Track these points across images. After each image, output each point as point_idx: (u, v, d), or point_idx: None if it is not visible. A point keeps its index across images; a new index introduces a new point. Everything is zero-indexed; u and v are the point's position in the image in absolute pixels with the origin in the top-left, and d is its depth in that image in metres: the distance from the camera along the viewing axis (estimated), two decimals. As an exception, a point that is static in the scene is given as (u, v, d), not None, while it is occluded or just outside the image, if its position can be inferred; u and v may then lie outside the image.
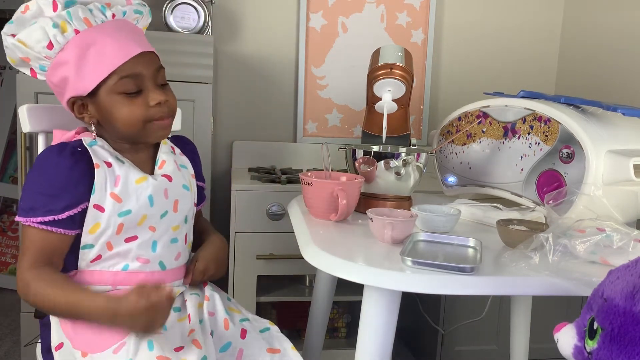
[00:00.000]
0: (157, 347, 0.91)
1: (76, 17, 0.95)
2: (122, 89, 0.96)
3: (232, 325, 1.04)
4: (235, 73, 2.16)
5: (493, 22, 2.32)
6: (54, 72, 0.98)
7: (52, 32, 0.94)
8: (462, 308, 1.89)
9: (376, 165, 1.20)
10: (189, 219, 1.10)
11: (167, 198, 1.04)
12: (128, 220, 0.98)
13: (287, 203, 1.40)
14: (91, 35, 0.96)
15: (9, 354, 2.07)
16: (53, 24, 0.94)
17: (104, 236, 0.98)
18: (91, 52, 0.95)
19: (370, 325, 0.90)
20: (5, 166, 2.85)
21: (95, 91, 0.97)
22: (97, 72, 0.95)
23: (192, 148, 1.18)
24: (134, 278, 1.01)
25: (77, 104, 1.00)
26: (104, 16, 0.99)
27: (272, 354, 1.01)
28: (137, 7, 1.05)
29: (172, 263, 1.06)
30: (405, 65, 1.34)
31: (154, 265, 1.03)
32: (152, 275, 1.03)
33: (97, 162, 0.97)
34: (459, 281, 0.83)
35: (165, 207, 1.03)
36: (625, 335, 0.63)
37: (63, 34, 0.95)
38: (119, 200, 0.97)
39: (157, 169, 1.06)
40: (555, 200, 1.07)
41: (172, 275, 1.06)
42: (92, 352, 0.92)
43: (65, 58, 0.96)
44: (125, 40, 0.97)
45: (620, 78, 2.01)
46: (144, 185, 1.00)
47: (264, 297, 1.86)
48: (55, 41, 0.95)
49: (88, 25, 0.96)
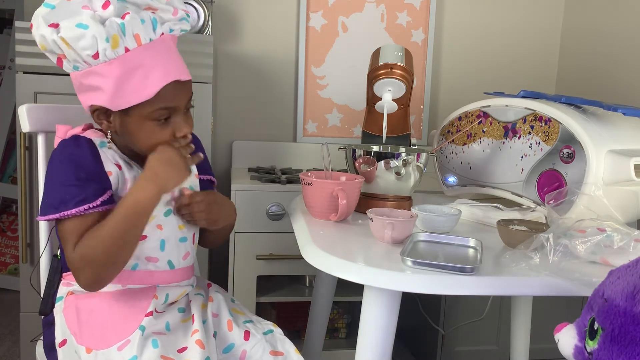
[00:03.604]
0: (161, 346, 0.91)
1: (129, 32, 0.91)
2: (156, 116, 0.95)
3: (235, 327, 1.04)
4: (235, 73, 2.16)
5: (493, 21, 2.32)
6: (87, 76, 0.93)
7: (103, 45, 0.89)
8: (462, 308, 1.89)
9: (376, 165, 1.20)
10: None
11: (171, 198, 1.04)
12: None
13: (287, 203, 1.40)
14: (140, 57, 0.92)
15: (8, 353, 2.07)
16: (107, 37, 0.89)
17: None
18: (136, 74, 0.92)
19: (370, 325, 0.90)
20: (5, 166, 2.85)
21: (126, 110, 0.94)
22: (137, 96, 0.92)
23: (196, 143, 1.17)
24: (143, 277, 1.01)
25: (100, 111, 0.96)
26: (154, 33, 0.94)
27: (275, 357, 1.01)
28: (182, 24, 1.00)
29: (181, 262, 1.06)
30: (405, 65, 1.34)
31: (162, 264, 1.03)
32: (161, 275, 1.03)
33: (107, 164, 0.97)
34: (459, 281, 0.83)
35: (169, 206, 1.03)
36: (626, 336, 0.62)
37: (113, 49, 0.90)
38: None
39: None
40: (556, 200, 1.07)
41: (180, 275, 1.06)
42: (96, 348, 0.93)
43: (107, 72, 0.91)
44: (171, 69, 0.95)
45: (620, 78, 2.01)
46: None
47: (264, 297, 1.86)
48: (103, 54, 0.90)
49: (138, 44, 0.92)
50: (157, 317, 0.98)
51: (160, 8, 0.97)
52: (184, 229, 1.06)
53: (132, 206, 0.92)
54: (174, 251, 1.04)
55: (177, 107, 0.97)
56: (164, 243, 1.03)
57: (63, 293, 1.02)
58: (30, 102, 1.24)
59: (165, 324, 0.98)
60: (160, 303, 1.01)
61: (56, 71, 1.62)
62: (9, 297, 2.59)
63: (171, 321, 0.99)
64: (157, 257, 1.02)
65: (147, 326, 0.95)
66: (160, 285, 1.03)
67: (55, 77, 1.62)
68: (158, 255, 1.02)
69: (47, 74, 1.63)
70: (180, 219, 1.05)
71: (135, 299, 0.99)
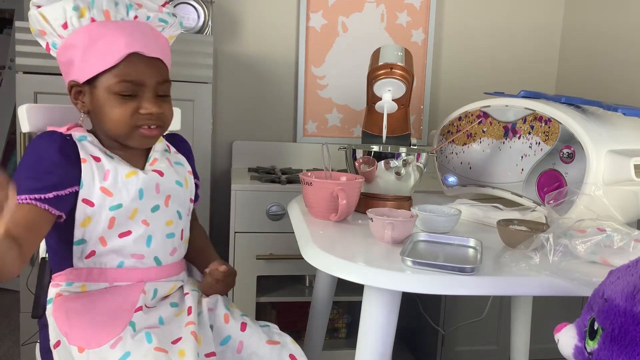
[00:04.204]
0: (155, 339, 0.91)
1: (98, 7, 0.97)
2: (118, 89, 0.97)
3: (232, 319, 1.04)
4: (235, 73, 2.16)
5: (493, 21, 2.32)
6: (63, 52, 1.00)
7: (70, 14, 0.96)
8: (462, 308, 1.89)
9: (376, 165, 1.20)
10: (184, 214, 1.10)
11: (159, 193, 1.04)
12: (119, 214, 0.99)
13: (287, 203, 1.40)
14: (105, 28, 0.97)
15: (8, 354, 2.07)
16: (74, 6, 0.96)
17: (96, 230, 0.98)
18: (100, 43, 0.96)
19: (370, 325, 0.90)
20: (5, 166, 2.85)
21: (94, 82, 0.98)
22: (99, 64, 0.96)
23: (187, 147, 1.19)
24: (130, 275, 1.01)
25: (75, 89, 1.01)
26: (126, 15, 1.00)
27: (272, 346, 1.01)
28: (163, 15, 1.06)
29: (168, 258, 1.06)
30: (405, 65, 1.34)
31: (149, 260, 1.03)
32: (148, 272, 1.03)
33: (84, 156, 0.97)
34: (459, 281, 0.83)
35: (156, 201, 1.04)
36: (626, 336, 0.62)
37: (79, 18, 0.97)
38: (110, 194, 0.98)
39: (148, 166, 1.06)
40: (556, 200, 1.06)
41: (168, 271, 1.06)
42: (88, 347, 0.92)
43: (75, 42, 0.98)
44: (136, 40, 0.97)
45: (620, 78, 2.01)
46: (134, 179, 1.00)
47: (264, 298, 1.86)
48: (70, 23, 0.97)
49: (107, 18, 0.98)
50: (148, 312, 0.98)
51: (144, 4, 1.03)
52: (172, 225, 1.06)
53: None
54: (160, 247, 1.04)
55: (143, 84, 0.98)
56: (151, 239, 1.03)
57: (52, 294, 1.02)
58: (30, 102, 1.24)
59: (158, 318, 0.98)
60: (149, 298, 1.00)
61: (56, 71, 1.62)
62: (9, 297, 2.59)
63: (164, 315, 0.99)
64: (142, 254, 1.02)
65: (137, 322, 0.94)
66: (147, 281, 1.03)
67: (56, 77, 1.62)
68: (144, 251, 1.02)
69: (47, 74, 1.63)
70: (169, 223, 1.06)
71: (123, 295, 0.99)
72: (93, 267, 1.00)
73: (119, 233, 1.00)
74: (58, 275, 1.02)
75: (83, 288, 1.00)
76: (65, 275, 1.01)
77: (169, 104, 1.04)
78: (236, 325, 1.03)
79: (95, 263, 1.00)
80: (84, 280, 1.00)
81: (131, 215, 1.00)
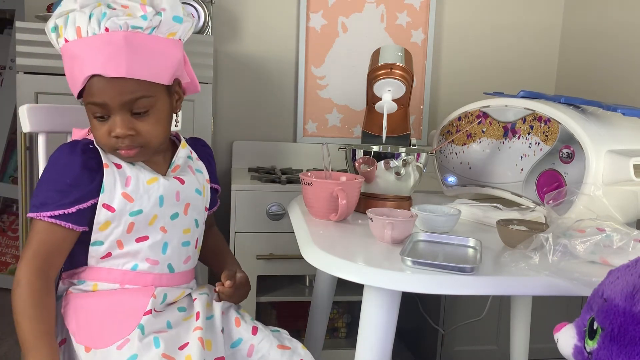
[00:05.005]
0: (163, 345, 0.92)
1: (72, 23, 0.92)
2: (90, 111, 0.96)
3: (243, 323, 1.05)
4: (235, 73, 2.16)
5: (493, 21, 2.32)
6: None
7: (51, 35, 0.96)
8: (462, 308, 1.89)
9: (376, 165, 1.20)
10: (200, 223, 1.11)
11: (179, 200, 1.04)
12: (139, 220, 0.99)
13: (287, 203, 1.40)
14: (76, 48, 0.93)
15: (9, 354, 2.07)
16: (52, 27, 0.95)
17: (114, 234, 0.98)
18: (74, 65, 0.94)
19: (370, 325, 0.90)
20: (5, 166, 2.85)
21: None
22: (73, 86, 0.96)
23: (208, 151, 1.19)
24: (142, 278, 1.01)
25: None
26: (98, 28, 0.92)
27: (282, 350, 1.02)
28: (136, 21, 0.92)
29: (181, 266, 1.07)
30: (405, 65, 1.34)
31: (162, 267, 1.03)
32: (160, 277, 1.03)
33: (107, 162, 0.97)
34: (459, 281, 0.83)
35: (176, 209, 1.04)
36: (625, 335, 0.63)
37: (58, 39, 0.96)
38: (131, 200, 0.98)
39: (170, 172, 1.06)
40: (555, 200, 1.07)
41: (179, 279, 1.07)
42: (95, 347, 0.93)
43: (63, 58, 0.98)
44: (97, 61, 0.91)
45: (620, 78, 2.01)
46: (155, 185, 1.00)
47: (264, 297, 1.86)
48: (54, 43, 0.98)
49: (78, 36, 0.93)
50: (157, 316, 0.98)
51: (130, 7, 0.95)
52: (189, 233, 1.07)
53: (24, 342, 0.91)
54: (175, 255, 1.05)
55: (108, 105, 0.93)
56: (167, 246, 1.03)
57: (62, 292, 1.03)
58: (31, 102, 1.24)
59: (166, 322, 0.98)
60: (158, 302, 1.01)
61: (56, 71, 1.63)
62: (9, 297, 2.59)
63: (172, 319, 0.99)
64: (157, 260, 1.02)
65: (146, 325, 0.95)
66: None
67: (56, 77, 1.62)
68: (159, 257, 1.02)
69: (47, 74, 1.63)
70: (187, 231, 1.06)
71: (134, 298, 0.99)
72: (107, 268, 1.00)
73: (137, 237, 1.00)
74: (71, 273, 1.02)
75: (95, 287, 1.00)
76: (78, 274, 1.01)
77: (148, 121, 0.96)
78: (247, 329, 1.04)
79: (110, 264, 1.00)
80: (96, 280, 1.00)
81: (150, 221, 1.00)
